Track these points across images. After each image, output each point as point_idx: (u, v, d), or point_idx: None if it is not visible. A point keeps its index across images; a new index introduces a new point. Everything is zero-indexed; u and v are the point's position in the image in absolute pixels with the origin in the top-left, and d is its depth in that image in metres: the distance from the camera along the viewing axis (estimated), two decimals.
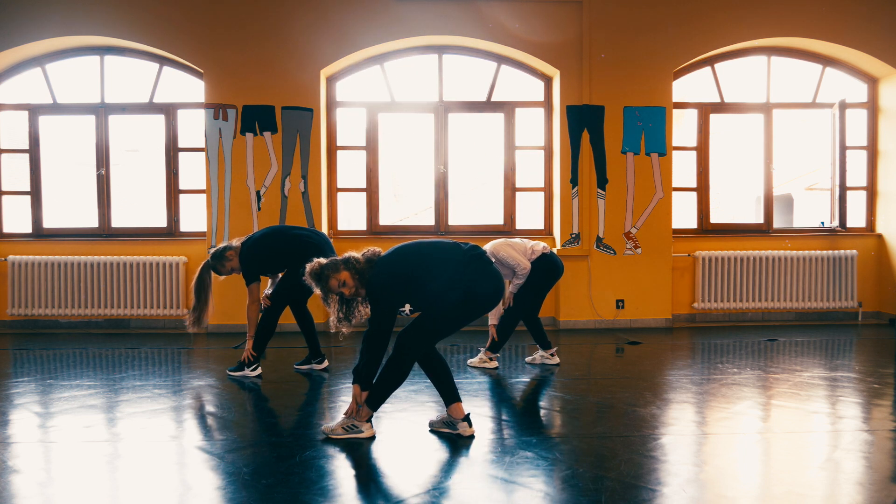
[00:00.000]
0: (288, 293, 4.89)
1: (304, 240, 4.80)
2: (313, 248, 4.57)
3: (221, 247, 4.81)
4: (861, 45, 7.02)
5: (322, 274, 3.36)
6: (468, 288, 3.34)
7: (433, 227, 7.29)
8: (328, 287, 3.36)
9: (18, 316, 6.95)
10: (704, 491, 2.74)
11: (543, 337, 5.16)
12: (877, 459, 3.07)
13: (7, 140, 7.39)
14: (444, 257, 3.39)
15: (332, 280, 3.35)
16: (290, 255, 4.73)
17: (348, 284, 3.36)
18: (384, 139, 7.35)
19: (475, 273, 3.35)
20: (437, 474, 2.97)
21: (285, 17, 6.79)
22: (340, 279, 3.35)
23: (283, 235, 4.91)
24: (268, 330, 4.84)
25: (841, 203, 7.43)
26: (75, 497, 2.72)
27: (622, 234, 7.00)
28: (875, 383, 4.49)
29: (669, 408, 3.99)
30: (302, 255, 4.17)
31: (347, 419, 3.42)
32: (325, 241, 4.87)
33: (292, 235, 4.88)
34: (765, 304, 7.21)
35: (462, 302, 3.36)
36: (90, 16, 6.71)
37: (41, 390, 4.46)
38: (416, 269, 3.37)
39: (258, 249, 4.77)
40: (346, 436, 3.37)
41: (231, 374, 4.84)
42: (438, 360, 3.53)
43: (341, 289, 3.36)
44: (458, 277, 3.33)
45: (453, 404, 3.46)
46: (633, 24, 6.92)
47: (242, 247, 4.79)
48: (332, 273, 3.35)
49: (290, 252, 4.74)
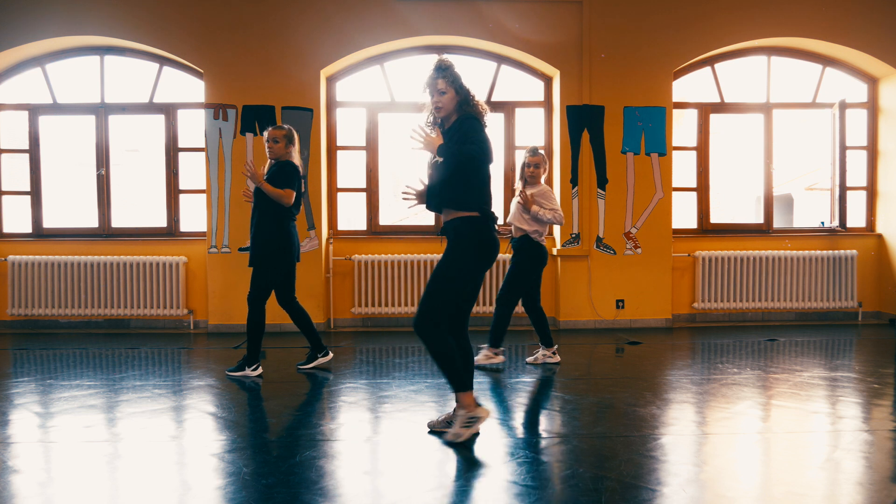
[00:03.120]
0: (267, 282, 4.78)
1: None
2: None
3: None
4: (861, 45, 7.02)
5: (440, 67, 3.30)
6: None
7: (433, 227, 7.29)
8: (434, 81, 3.29)
9: (18, 316, 6.95)
10: (704, 491, 2.74)
11: (547, 333, 5.16)
12: (877, 459, 3.07)
13: (7, 140, 7.39)
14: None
15: (440, 81, 3.28)
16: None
17: (447, 97, 3.28)
18: (384, 139, 7.36)
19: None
20: (436, 474, 2.97)
21: (285, 17, 6.79)
22: (442, 87, 3.28)
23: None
24: (258, 326, 4.77)
25: (841, 203, 7.43)
26: (75, 497, 2.72)
27: (622, 234, 7.00)
28: (875, 383, 4.49)
29: (669, 408, 3.99)
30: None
31: (459, 414, 3.34)
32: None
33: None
34: (765, 304, 7.21)
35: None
36: (90, 16, 6.71)
37: (41, 390, 4.46)
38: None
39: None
40: (470, 430, 3.30)
41: (230, 375, 4.82)
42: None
43: (440, 96, 3.28)
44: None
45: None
46: (633, 24, 6.92)
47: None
48: (443, 74, 3.29)
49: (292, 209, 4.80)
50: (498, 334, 5.07)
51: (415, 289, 6.99)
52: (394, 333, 6.62)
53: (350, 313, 6.99)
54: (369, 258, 6.97)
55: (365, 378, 4.78)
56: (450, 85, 3.29)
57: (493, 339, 5.08)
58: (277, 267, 4.76)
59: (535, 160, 5.03)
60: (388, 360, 5.33)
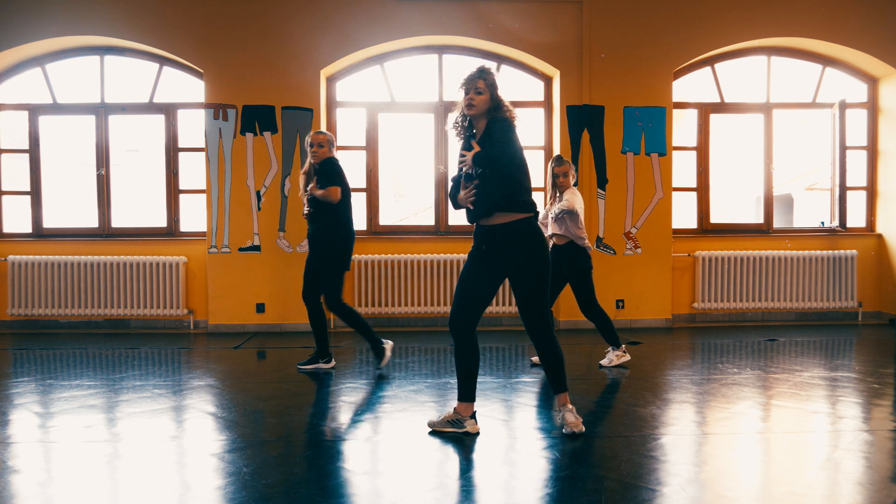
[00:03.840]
0: (341, 279, 4.91)
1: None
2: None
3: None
4: (861, 45, 7.02)
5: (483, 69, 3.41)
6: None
7: (433, 227, 7.29)
8: (473, 80, 3.37)
9: (18, 316, 6.95)
10: (704, 491, 2.74)
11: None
12: (877, 459, 3.07)
13: (7, 140, 7.39)
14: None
15: (480, 81, 3.36)
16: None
17: (482, 98, 3.35)
18: (384, 139, 7.35)
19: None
20: (436, 474, 2.97)
21: (285, 16, 6.79)
22: (481, 87, 3.36)
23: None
24: (357, 318, 4.96)
25: (841, 203, 7.43)
26: (75, 497, 2.72)
27: (622, 234, 7.00)
28: (875, 383, 4.49)
29: (669, 408, 3.99)
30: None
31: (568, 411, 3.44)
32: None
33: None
34: (765, 304, 7.21)
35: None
36: (90, 16, 6.71)
37: (41, 390, 4.46)
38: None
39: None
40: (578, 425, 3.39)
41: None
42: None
43: (476, 95, 3.35)
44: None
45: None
46: (633, 24, 6.92)
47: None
48: (484, 76, 3.37)
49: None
50: (614, 334, 5.09)
51: (415, 289, 6.98)
52: (394, 333, 6.60)
53: None
54: (369, 258, 6.97)
55: (365, 378, 4.78)
56: (488, 87, 3.37)
57: (614, 339, 5.09)
58: (346, 261, 4.92)
59: (563, 169, 5.07)
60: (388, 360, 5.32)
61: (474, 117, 3.42)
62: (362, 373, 4.96)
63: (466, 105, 3.37)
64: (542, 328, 3.36)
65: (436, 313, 7.00)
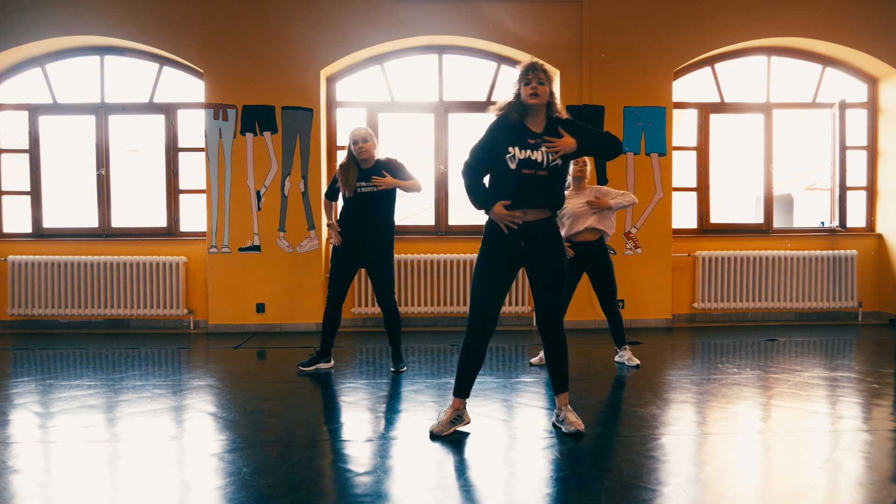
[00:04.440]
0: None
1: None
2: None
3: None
4: (861, 45, 7.02)
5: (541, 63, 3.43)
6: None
7: (433, 227, 7.29)
8: (538, 69, 3.39)
9: (18, 316, 6.95)
10: (704, 491, 2.74)
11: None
12: (877, 459, 3.07)
13: (7, 140, 7.39)
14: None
15: (543, 73, 3.37)
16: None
17: (545, 87, 3.35)
18: (384, 139, 7.35)
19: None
20: (436, 474, 2.97)
21: (285, 17, 6.79)
22: (543, 79, 3.36)
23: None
24: (399, 321, 5.02)
25: (841, 203, 7.43)
26: (75, 497, 2.72)
27: (622, 234, 7.00)
28: (875, 383, 4.49)
29: (669, 408, 3.99)
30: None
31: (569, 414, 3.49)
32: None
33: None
34: (765, 304, 7.21)
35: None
36: (90, 16, 6.71)
37: (41, 390, 4.46)
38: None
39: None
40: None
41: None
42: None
43: (539, 85, 3.34)
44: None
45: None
46: (633, 24, 6.92)
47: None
48: (544, 69, 3.40)
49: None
50: (622, 333, 5.14)
51: (415, 289, 6.99)
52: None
53: (350, 313, 6.98)
54: None
55: (365, 378, 4.78)
56: (548, 80, 3.37)
57: (622, 339, 5.13)
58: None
59: (580, 159, 5.10)
60: (388, 360, 5.33)
61: (535, 107, 3.37)
62: (362, 373, 4.96)
63: (531, 94, 3.32)
64: (561, 322, 3.43)
65: (436, 313, 7.00)
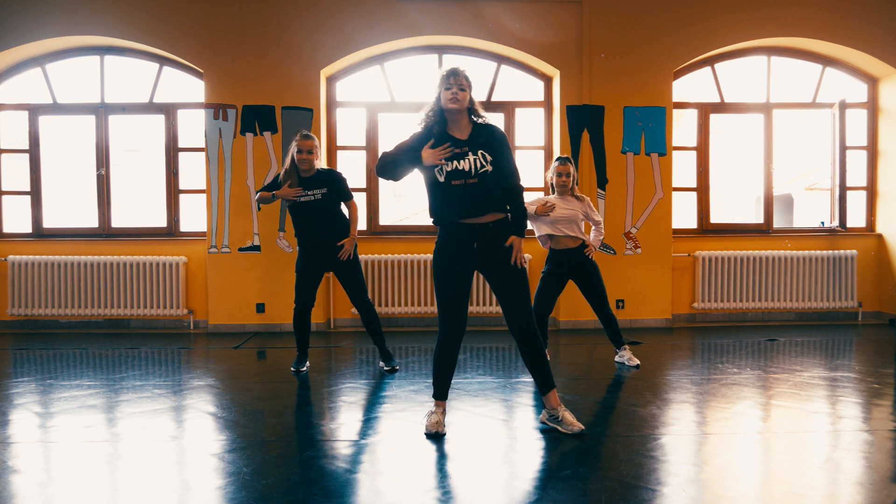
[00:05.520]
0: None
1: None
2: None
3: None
4: (861, 45, 7.02)
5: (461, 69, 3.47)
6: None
7: (433, 228, 7.28)
8: (459, 75, 3.42)
9: (18, 316, 6.95)
10: (704, 491, 2.74)
11: (544, 332, 5.16)
12: (877, 459, 3.07)
13: (7, 140, 7.39)
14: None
15: (464, 79, 3.41)
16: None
17: (465, 93, 3.39)
18: (384, 139, 7.35)
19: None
20: (436, 474, 2.97)
21: (285, 16, 6.79)
22: (465, 83, 3.40)
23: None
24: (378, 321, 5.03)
25: (841, 203, 7.43)
26: (75, 497, 2.72)
27: (622, 234, 7.00)
28: (875, 383, 4.49)
29: (669, 408, 3.99)
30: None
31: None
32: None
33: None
34: (765, 304, 7.21)
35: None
36: (90, 16, 6.71)
37: (41, 390, 4.46)
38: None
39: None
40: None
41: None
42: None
43: (460, 91, 3.38)
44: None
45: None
46: (633, 24, 6.92)
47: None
48: (465, 75, 3.45)
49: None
50: (619, 334, 5.14)
51: (414, 289, 6.99)
52: (394, 333, 6.61)
53: (350, 313, 6.98)
54: (369, 258, 6.97)
55: (365, 378, 4.78)
56: (469, 86, 3.42)
57: (620, 340, 5.13)
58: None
59: (566, 169, 4.97)
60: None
61: (455, 112, 3.41)
62: (362, 373, 4.96)
63: (451, 99, 3.37)
64: (531, 321, 3.43)
65: (436, 313, 6.99)
